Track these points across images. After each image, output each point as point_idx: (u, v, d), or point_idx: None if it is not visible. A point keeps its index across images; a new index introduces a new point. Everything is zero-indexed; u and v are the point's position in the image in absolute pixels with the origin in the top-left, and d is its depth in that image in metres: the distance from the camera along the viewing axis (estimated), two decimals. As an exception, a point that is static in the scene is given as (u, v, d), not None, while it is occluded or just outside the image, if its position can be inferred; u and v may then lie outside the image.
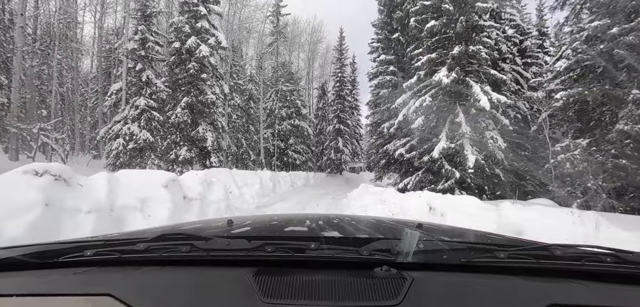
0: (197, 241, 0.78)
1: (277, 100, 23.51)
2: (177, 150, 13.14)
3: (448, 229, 1.50)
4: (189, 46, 13.35)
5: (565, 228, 3.07)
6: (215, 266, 0.73)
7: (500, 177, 10.50)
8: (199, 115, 13.61)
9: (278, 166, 22.45)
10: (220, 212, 5.71)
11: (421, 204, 4.48)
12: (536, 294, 0.64)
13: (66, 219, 3.04)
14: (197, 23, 13.90)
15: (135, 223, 3.60)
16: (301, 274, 0.67)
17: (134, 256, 0.76)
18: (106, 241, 0.86)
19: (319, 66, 33.23)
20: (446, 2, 10.09)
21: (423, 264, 0.72)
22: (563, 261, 0.75)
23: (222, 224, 1.25)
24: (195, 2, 13.86)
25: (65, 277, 0.70)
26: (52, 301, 0.62)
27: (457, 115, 9.85)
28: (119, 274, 0.71)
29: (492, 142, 9.61)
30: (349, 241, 0.95)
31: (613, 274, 0.71)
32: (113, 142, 12.73)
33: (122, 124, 12.93)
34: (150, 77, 13.38)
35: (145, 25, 13.76)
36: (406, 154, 11.62)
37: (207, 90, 13.68)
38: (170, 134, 13.39)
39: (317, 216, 1.53)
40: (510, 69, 14.56)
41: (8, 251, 0.78)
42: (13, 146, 10.69)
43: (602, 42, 7.84)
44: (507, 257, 0.74)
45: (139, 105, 12.89)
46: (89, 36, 22.83)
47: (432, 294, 0.64)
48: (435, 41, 10.62)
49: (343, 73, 29.71)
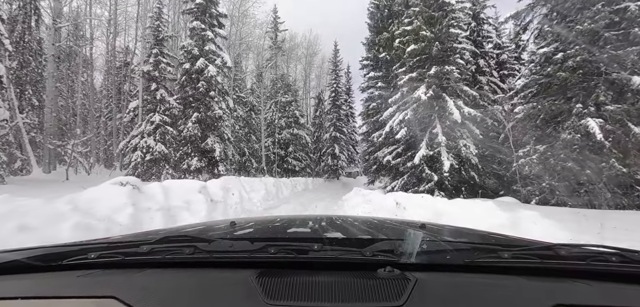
0: (200, 242, 0.79)
1: (277, 111, 25.06)
2: (188, 161, 14.59)
3: (451, 229, 1.53)
4: (198, 67, 14.86)
5: (484, 217, 4.50)
6: (218, 267, 0.74)
7: (475, 178, 12.03)
8: (207, 129, 15.09)
9: (278, 172, 23.90)
10: (238, 212, 7.17)
11: (391, 201, 5.98)
12: (540, 294, 0.64)
13: (144, 214, 4.49)
14: (205, 46, 15.43)
15: (185, 218, 5.05)
16: (304, 275, 0.67)
17: (137, 258, 0.77)
18: (109, 244, 0.87)
19: (315, 77, 34.91)
20: (423, 29, 11.69)
21: (426, 264, 0.72)
22: (568, 260, 0.75)
23: (225, 226, 1.27)
24: (203, 27, 15.41)
25: (69, 280, 0.71)
26: (56, 304, 0.62)
27: (435, 127, 11.39)
28: (122, 276, 0.72)
29: (465, 149, 11.14)
30: (352, 242, 0.97)
31: (618, 273, 0.70)
32: (132, 155, 14.18)
33: (139, 138, 14.39)
34: (164, 95, 14.89)
35: (158, 49, 15.30)
36: (393, 160, 13.13)
37: (215, 106, 15.18)
38: (182, 146, 14.85)
39: (319, 217, 1.54)
40: (487, 82, 16.17)
41: (12, 254, 0.78)
42: (46, 160, 12.14)
43: (550, 65, 9.42)
44: (511, 257, 0.74)
45: (154, 121, 14.38)
46: (98, 53, 24.29)
47: (436, 294, 0.64)
48: (415, 62, 12.18)
49: (338, 84, 31.34)
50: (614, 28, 8.85)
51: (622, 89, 8.77)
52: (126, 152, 14.82)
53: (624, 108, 8.44)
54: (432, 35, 11.64)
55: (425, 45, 11.82)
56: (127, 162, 14.67)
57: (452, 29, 11.50)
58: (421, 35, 11.59)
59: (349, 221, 1.44)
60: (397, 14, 15.02)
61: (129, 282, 0.67)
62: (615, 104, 8.56)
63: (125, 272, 0.74)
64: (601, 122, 8.47)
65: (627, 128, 8.49)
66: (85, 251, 0.78)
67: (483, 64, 16.25)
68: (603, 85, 8.76)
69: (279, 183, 14.85)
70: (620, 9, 8.80)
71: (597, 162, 8.53)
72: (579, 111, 9.02)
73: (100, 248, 0.80)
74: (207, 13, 15.82)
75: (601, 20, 8.54)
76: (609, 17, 8.49)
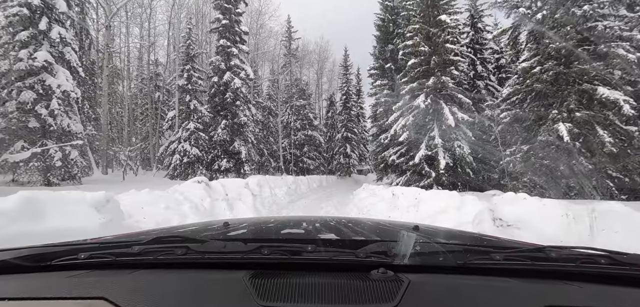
0: (192, 243, 0.79)
1: (292, 114, 27.12)
2: (219, 162, 16.80)
3: (444, 231, 1.53)
4: (226, 80, 17.03)
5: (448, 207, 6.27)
6: (211, 268, 0.73)
7: (470, 175, 13.69)
8: (234, 134, 17.26)
9: (294, 171, 25.98)
10: (271, 204, 9.19)
11: (389, 193, 7.83)
12: (532, 295, 0.65)
13: (215, 202, 6.51)
14: (230, 61, 17.58)
15: (239, 206, 7.06)
16: (297, 276, 0.67)
17: (128, 259, 0.76)
18: (100, 244, 0.86)
19: (327, 80, 36.84)
20: (423, 44, 13.40)
21: (419, 266, 0.72)
22: (558, 262, 0.76)
23: (218, 227, 1.27)
24: (228, 44, 17.55)
25: (59, 281, 0.70)
26: (45, 305, 0.61)
27: (433, 130, 13.11)
28: (113, 277, 0.71)
29: (459, 150, 12.84)
30: (346, 243, 0.97)
31: (607, 275, 0.72)
32: (171, 158, 16.49)
33: (177, 143, 16.68)
34: (196, 106, 17.13)
35: (191, 65, 17.55)
36: (397, 159, 14.90)
37: (240, 114, 17.32)
38: (213, 149, 17.07)
39: (313, 219, 1.56)
40: (485, 85, 17.68)
41: (1, 254, 0.77)
42: (104, 163, 14.55)
43: (529, 77, 11.02)
44: (503, 259, 0.75)
45: (189, 127, 16.63)
46: (132, 67, 26.91)
47: (429, 296, 0.64)
48: (415, 73, 13.90)
49: (349, 87, 33.15)
50: (585, 43, 10.37)
51: (590, 98, 10.30)
52: (165, 155, 17.14)
53: (590, 114, 9.99)
54: (430, 49, 13.34)
55: (424, 59, 13.53)
56: (167, 164, 17.00)
57: (448, 45, 13.17)
58: (420, 50, 13.31)
59: (343, 223, 1.46)
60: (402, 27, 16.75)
61: (120, 283, 0.67)
62: (583, 111, 10.11)
63: (116, 273, 0.73)
64: (570, 126, 10.04)
65: (594, 131, 10.02)
66: (75, 251, 0.78)
67: (481, 70, 17.79)
68: (574, 94, 10.32)
69: (297, 181, 16.88)
70: (591, 26, 10.33)
71: (567, 160, 10.12)
72: (554, 116, 10.60)
73: (90, 248, 0.80)
74: (231, 31, 17.95)
75: (571, 40, 10.10)
76: (577, 37, 10.04)
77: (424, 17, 14.13)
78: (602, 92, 9.79)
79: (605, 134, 9.64)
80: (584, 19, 10.26)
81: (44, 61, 10.28)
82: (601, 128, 9.97)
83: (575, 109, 10.29)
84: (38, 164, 10.04)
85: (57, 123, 10.52)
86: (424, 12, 14.23)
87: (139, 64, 25.71)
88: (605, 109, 10.06)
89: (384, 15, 18.01)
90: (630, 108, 9.49)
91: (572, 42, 10.08)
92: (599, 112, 10.05)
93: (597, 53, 10.14)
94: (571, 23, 10.19)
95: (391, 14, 17.75)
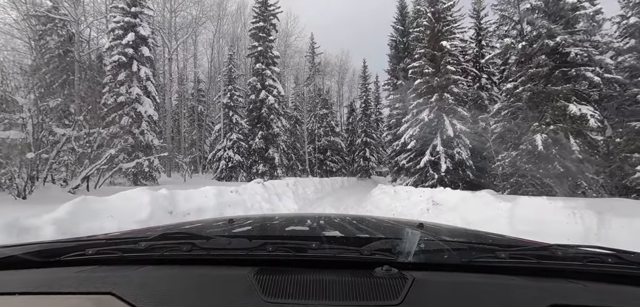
0: (198, 239, 0.80)
1: (316, 122, 30.21)
2: (256, 167, 20.13)
3: (449, 229, 1.54)
4: (261, 98, 20.34)
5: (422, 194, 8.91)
6: (216, 265, 0.74)
7: (469, 176, 16.09)
8: (269, 143, 20.53)
9: (319, 173, 29.03)
10: (304, 198, 12.20)
11: (393, 191, 10.63)
12: (537, 294, 0.64)
13: (272, 197, 9.57)
14: (265, 81, 20.89)
15: (285, 200, 10.08)
16: (302, 273, 0.68)
17: (135, 255, 0.77)
18: (108, 240, 0.88)
19: (347, 88, 39.72)
20: (427, 67, 15.98)
21: (424, 264, 0.72)
22: (564, 261, 0.76)
23: (223, 224, 1.29)
24: (263, 67, 20.88)
25: (67, 276, 0.71)
26: (54, 300, 0.62)
27: (436, 139, 15.66)
28: (120, 272, 0.72)
29: (458, 155, 15.30)
30: (350, 240, 0.98)
31: (614, 274, 0.71)
32: (218, 163, 20.02)
33: (222, 150, 20.20)
34: (237, 119, 20.58)
35: (232, 85, 21.06)
36: (407, 163, 17.51)
37: (273, 126, 20.58)
38: (251, 156, 20.44)
39: (318, 216, 1.58)
40: (488, 96, 19.85)
41: (10, 250, 0.79)
42: (169, 168, 18.26)
43: (513, 96, 13.37)
44: (509, 257, 0.75)
45: (232, 138, 20.09)
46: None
47: (433, 294, 0.64)
48: (421, 91, 16.48)
49: (367, 95, 35.82)
50: (561, 67, 12.60)
51: (563, 113, 12.52)
52: (213, 161, 20.74)
53: (563, 127, 12.22)
54: (433, 71, 15.90)
55: (428, 79, 16.10)
56: (215, 168, 20.57)
57: (449, 67, 15.67)
58: (425, 71, 15.90)
59: (347, 220, 1.46)
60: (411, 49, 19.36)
61: (127, 279, 0.67)
62: (557, 124, 12.36)
63: (123, 268, 0.74)
64: (546, 137, 12.31)
65: (567, 140, 12.23)
66: (83, 247, 0.79)
67: (485, 82, 20.00)
68: (550, 110, 12.59)
69: (322, 182, 19.90)
70: (564, 53, 12.55)
71: (545, 164, 12.39)
72: (534, 129, 12.89)
73: (98, 244, 0.82)
74: (265, 56, 21.28)
75: (546, 67, 12.40)
76: (550, 64, 12.32)
77: (428, 42, 16.68)
78: (572, 109, 12.03)
79: (575, 142, 11.87)
80: (558, 47, 12.51)
81: (136, 94, 13.95)
82: (573, 137, 12.19)
83: (551, 122, 12.57)
84: (134, 169, 13.68)
85: (145, 139, 14.15)
86: (428, 38, 16.78)
87: (179, 80, 29.84)
88: (574, 123, 12.28)
89: (396, 37, 20.66)
90: (595, 121, 11.75)
91: (546, 68, 12.37)
92: (570, 124, 12.27)
93: (568, 76, 12.38)
94: (546, 52, 12.49)
95: (401, 36, 20.39)
